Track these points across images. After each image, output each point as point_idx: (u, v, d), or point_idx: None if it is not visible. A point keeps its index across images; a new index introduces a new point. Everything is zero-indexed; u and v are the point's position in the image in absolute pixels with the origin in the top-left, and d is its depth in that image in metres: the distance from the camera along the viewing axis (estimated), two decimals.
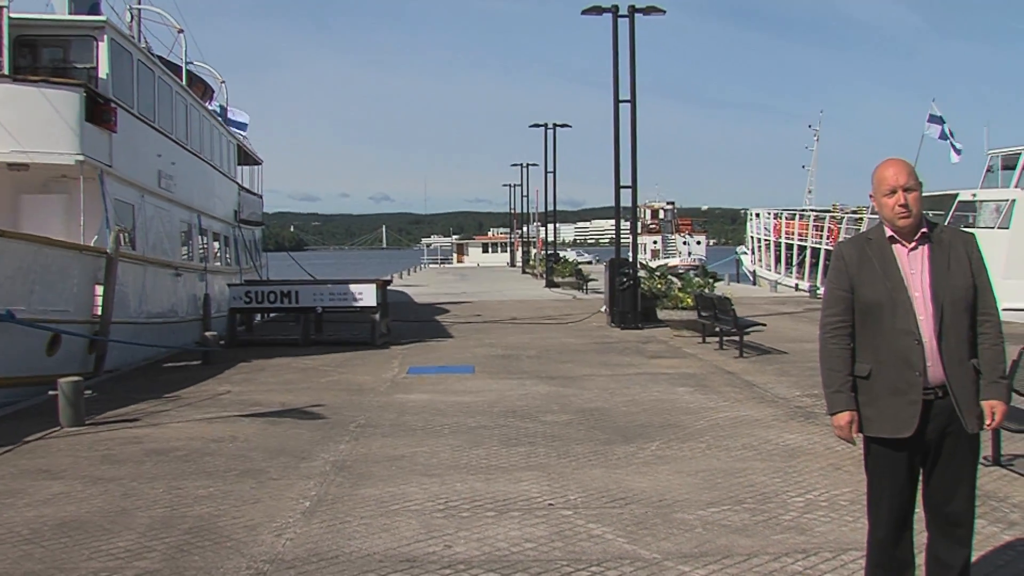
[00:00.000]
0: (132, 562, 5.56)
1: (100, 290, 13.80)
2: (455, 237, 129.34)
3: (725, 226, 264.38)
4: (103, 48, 15.25)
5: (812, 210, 45.53)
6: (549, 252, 50.30)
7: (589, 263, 74.27)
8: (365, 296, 18.39)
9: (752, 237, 51.57)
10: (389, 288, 22.05)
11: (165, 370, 14.87)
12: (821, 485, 7.07)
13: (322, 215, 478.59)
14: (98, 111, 14.59)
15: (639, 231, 24.81)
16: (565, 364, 14.79)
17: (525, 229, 77.71)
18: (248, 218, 28.48)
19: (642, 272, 21.82)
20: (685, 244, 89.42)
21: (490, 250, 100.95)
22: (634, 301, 20.72)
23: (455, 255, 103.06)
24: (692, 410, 10.44)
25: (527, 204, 71.25)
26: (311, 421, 10.12)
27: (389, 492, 7.06)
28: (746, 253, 54.81)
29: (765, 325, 16.81)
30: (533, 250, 72.43)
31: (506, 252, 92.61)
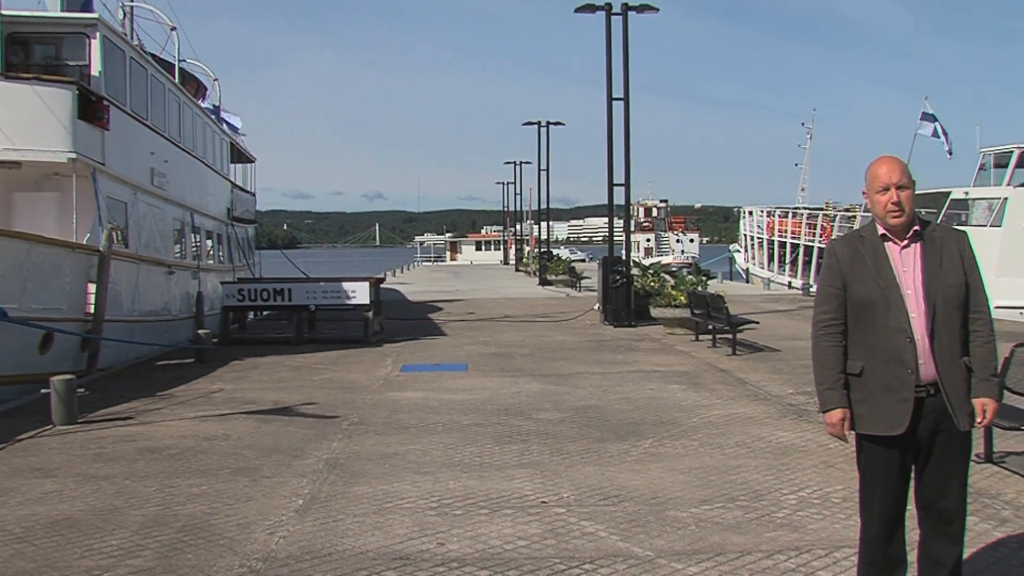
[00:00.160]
0: (125, 560, 5.55)
1: (93, 288, 13.78)
2: (448, 235, 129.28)
3: (718, 224, 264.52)
4: (95, 46, 15.21)
5: (805, 208, 45.63)
6: (542, 250, 50.32)
7: (582, 261, 74.40)
8: (358, 294, 18.38)
9: (745, 235, 51.65)
10: (382, 286, 22.06)
11: (158, 368, 14.84)
12: (814, 482, 7.09)
13: (315, 213, 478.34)
14: (90, 109, 14.55)
15: (632, 229, 24.90)
16: (558, 362, 14.80)
17: (518, 227, 77.64)
18: (241, 216, 28.45)
19: (635, 270, 21.84)
20: (678, 242, 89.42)
21: (483, 248, 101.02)
22: (627, 299, 20.75)
23: (448, 253, 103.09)
24: (685, 408, 10.46)
25: (520, 202, 71.25)
26: (304, 419, 10.11)
27: (382, 490, 7.06)
28: (739, 251, 54.88)
29: (758, 323, 16.84)
30: (526, 248, 72.43)
31: (499, 250, 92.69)
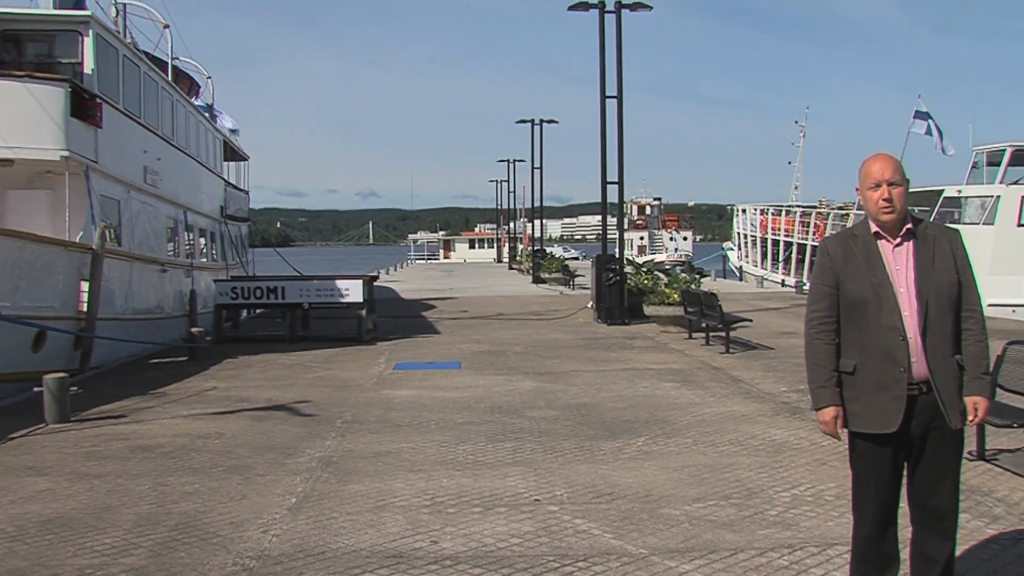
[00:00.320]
0: (118, 559, 5.54)
1: (86, 286, 13.74)
2: (442, 233, 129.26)
3: (712, 222, 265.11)
4: (88, 43, 15.15)
5: (798, 206, 45.76)
6: (536, 248, 50.35)
7: (576, 259, 74.44)
8: (352, 292, 18.36)
9: (738, 233, 51.75)
10: (376, 284, 22.03)
11: (151, 366, 14.81)
12: (807, 480, 7.11)
13: (309, 211, 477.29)
14: (83, 106, 14.49)
15: (626, 227, 24.87)
16: (552, 360, 14.80)
17: (512, 225, 77.72)
18: (234, 214, 28.39)
19: (628, 268, 21.87)
20: (672, 240, 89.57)
21: (477, 246, 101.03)
22: (621, 297, 20.77)
23: (442, 251, 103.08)
24: (678, 406, 10.47)
25: (514, 200, 71.41)
26: (297, 417, 10.10)
27: (375, 488, 7.06)
28: (732, 249, 55.00)
29: (751, 321, 16.88)
30: (520, 246, 72.48)
31: (493, 248, 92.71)
